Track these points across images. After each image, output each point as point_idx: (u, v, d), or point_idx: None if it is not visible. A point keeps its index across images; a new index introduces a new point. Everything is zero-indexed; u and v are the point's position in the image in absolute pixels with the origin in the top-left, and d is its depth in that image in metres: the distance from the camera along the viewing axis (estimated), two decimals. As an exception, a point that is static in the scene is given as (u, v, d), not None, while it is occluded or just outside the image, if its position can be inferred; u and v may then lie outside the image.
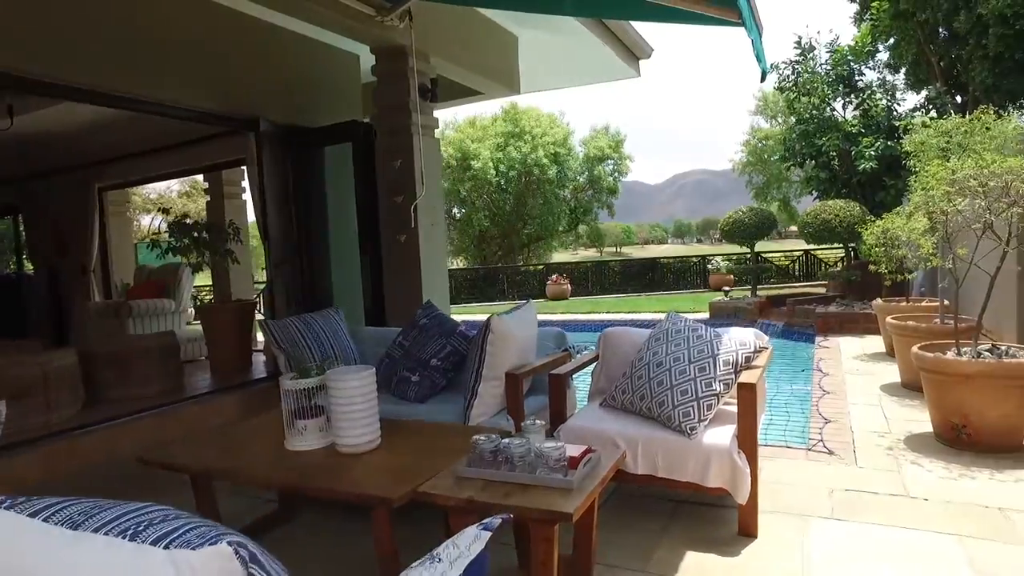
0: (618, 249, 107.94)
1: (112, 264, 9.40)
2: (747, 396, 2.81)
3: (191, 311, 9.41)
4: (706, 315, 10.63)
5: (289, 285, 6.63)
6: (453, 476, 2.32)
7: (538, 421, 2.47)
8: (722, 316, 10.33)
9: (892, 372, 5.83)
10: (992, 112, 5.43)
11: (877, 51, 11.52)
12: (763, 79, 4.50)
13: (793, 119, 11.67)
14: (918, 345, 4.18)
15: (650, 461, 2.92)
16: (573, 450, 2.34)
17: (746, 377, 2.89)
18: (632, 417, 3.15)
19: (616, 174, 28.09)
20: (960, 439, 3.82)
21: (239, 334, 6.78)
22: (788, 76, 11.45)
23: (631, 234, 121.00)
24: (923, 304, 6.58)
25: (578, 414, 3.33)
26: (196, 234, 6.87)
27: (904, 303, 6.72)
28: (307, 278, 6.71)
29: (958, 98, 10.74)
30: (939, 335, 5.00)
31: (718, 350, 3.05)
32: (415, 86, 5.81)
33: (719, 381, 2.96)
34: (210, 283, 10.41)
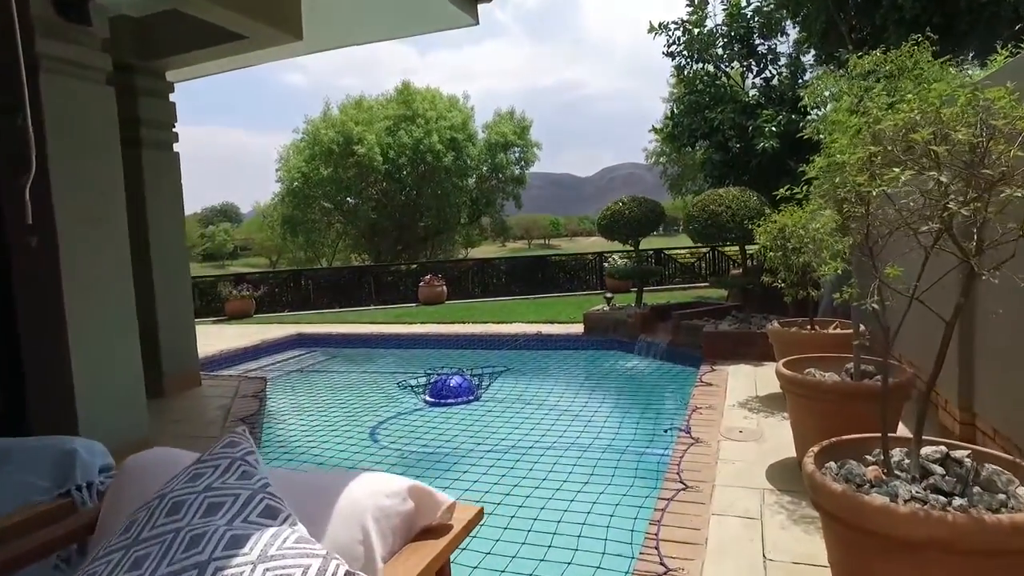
0: (547, 241, 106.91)
1: None
2: None
3: None
4: (581, 329, 8.68)
5: None
6: None
7: None
8: (599, 331, 8.39)
9: (786, 436, 3.95)
10: (928, 49, 3.58)
11: (775, 9, 9.70)
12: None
13: (683, 88, 9.69)
14: (813, 452, 2.22)
15: None
16: None
17: None
18: None
19: (523, 163, 25.93)
20: (893, 658, 1.88)
21: None
22: (678, 38, 9.48)
23: (559, 226, 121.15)
24: (831, 331, 4.76)
25: None
26: None
27: (807, 329, 4.89)
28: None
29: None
30: (854, 400, 3.12)
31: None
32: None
33: None
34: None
